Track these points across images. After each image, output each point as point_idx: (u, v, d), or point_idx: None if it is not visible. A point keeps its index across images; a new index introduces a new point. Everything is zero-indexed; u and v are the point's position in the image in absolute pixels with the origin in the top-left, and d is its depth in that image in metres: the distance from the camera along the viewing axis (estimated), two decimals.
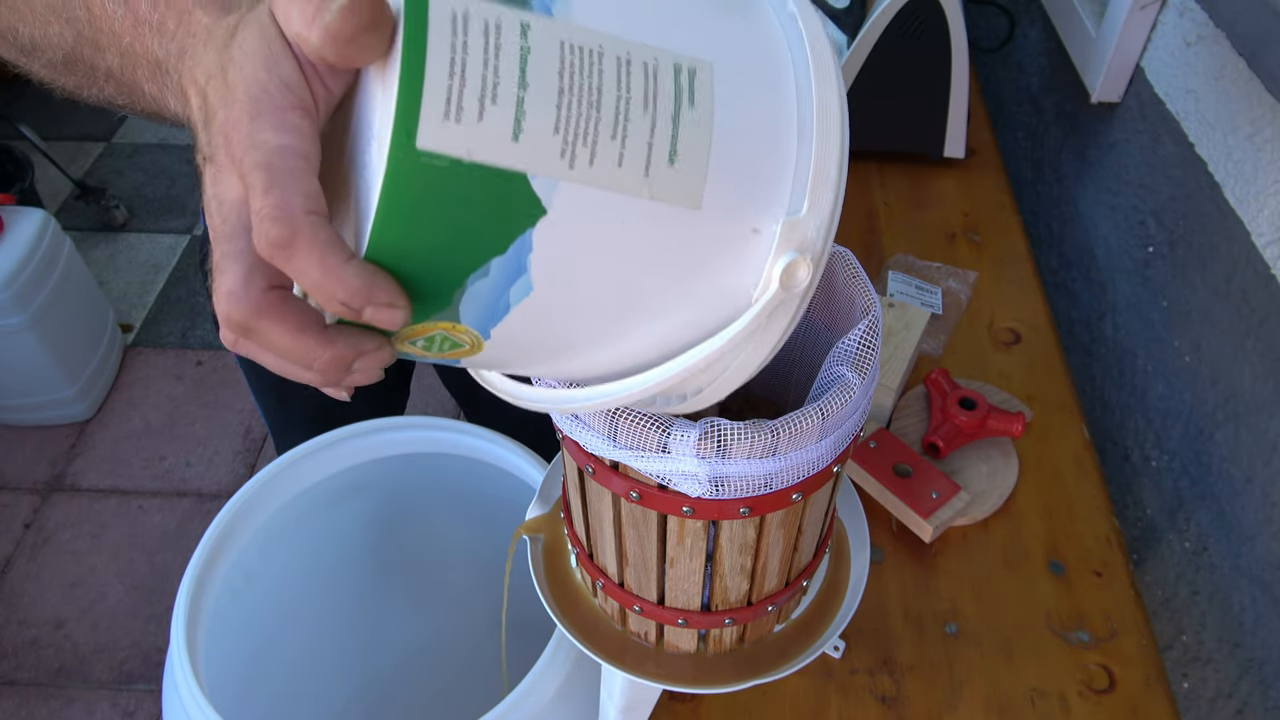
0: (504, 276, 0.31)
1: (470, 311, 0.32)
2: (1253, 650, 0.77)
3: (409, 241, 0.29)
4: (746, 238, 0.33)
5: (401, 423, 0.91)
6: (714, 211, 0.32)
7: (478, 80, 0.28)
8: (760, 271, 0.33)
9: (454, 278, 0.31)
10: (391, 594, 1.10)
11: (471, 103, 0.28)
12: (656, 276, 0.32)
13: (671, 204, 0.31)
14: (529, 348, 0.35)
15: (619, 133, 0.29)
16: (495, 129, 0.28)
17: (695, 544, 0.47)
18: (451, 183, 0.28)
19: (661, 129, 0.30)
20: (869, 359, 0.44)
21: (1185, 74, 0.91)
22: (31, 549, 1.74)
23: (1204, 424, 0.85)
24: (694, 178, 0.31)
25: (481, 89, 0.28)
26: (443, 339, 0.34)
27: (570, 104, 0.29)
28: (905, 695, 0.72)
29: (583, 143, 0.29)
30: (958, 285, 1.04)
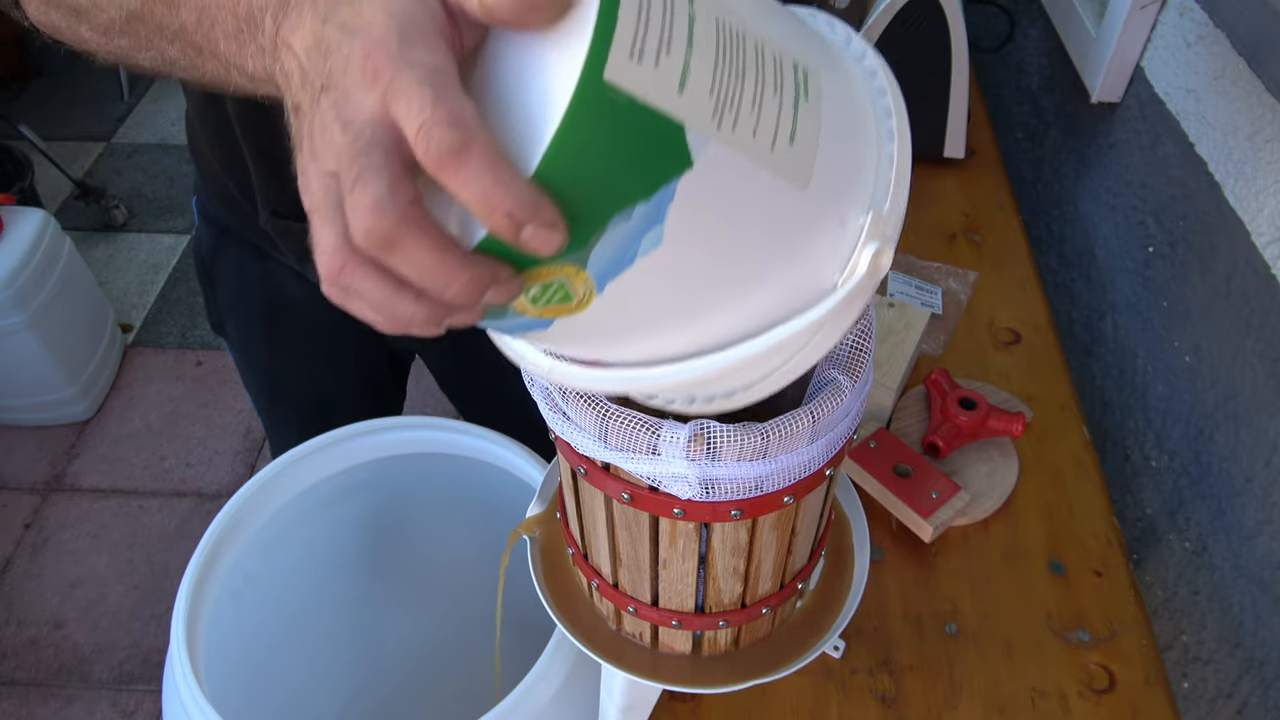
0: (643, 223, 0.32)
1: (601, 256, 0.33)
2: (1253, 650, 0.77)
3: (575, 168, 0.30)
4: (836, 226, 0.36)
5: (401, 423, 0.91)
6: (817, 193, 0.35)
7: (658, 31, 0.30)
8: (843, 258, 0.36)
9: (602, 214, 0.32)
10: (391, 594, 1.10)
11: (652, 49, 0.30)
12: (764, 245, 0.35)
13: (788, 179, 0.34)
14: (628, 314, 0.36)
15: (757, 106, 0.32)
16: (667, 77, 0.30)
17: (687, 546, 0.47)
18: (624, 118, 0.30)
19: (785, 111, 0.33)
20: (862, 362, 0.44)
21: (1185, 74, 0.91)
22: (31, 549, 1.74)
23: (1204, 424, 0.85)
24: (807, 159, 0.34)
25: (660, 39, 0.30)
26: (559, 287, 0.34)
27: (723, 71, 0.32)
28: (905, 695, 0.72)
29: (729, 108, 0.32)
30: (958, 285, 1.04)
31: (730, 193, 0.33)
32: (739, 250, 0.35)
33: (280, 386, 1.01)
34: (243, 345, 0.98)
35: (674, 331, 0.37)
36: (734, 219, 0.34)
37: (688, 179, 0.32)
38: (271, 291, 0.92)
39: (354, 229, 0.29)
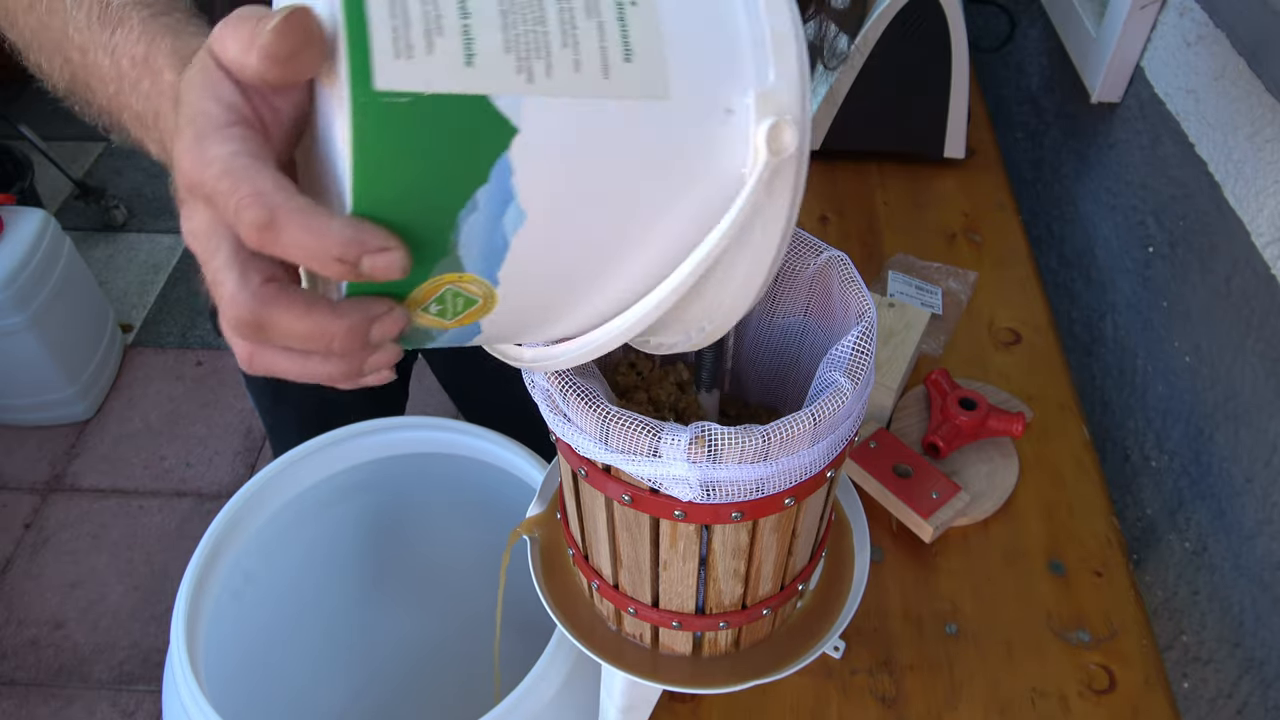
0: (493, 206, 0.31)
1: (471, 254, 0.32)
2: (1253, 650, 0.77)
3: (389, 186, 0.29)
4: (723, 120, 0.32)
5: (401, 423, 0.91)
6: (683, 98, 0.32)
7: (420, 17, 0.29)
8: (747, 149, 0.33)
9: (444, 217, 0.31)
10: (391, 594, 1.10)
11: (419, 38, 0.28)
12: (647, 177, 0.32)
13: (640, 99, 0.31)
14: (540, 292, 0.34)
15: (569, 40, 0.30)
16: (447, 58, 0.29)
17: (688, 548, 0.47)
18: (417, 117, 0.29)
19: (610, 30, 0.30)
20: (863, 364, 0.43)
21: (1185, 74, 0.91)
22: (31, 549, 1.74)
23: (1204, 424, 0.85)
24: (654, 69, 0.31)
25: (426, 24, 0.29)
26: (454, 295, 0.33)
27: (515, 23, 0.30)
28: (905, 695, 0.72)
29: (536, 56, 0.30)
30: (958, 285, 1.04)
31: (579, 139, 0.31)
32: (621, 188, 0.32)
33: (282, 387, 1.01)
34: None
35: (605, 287, 0.35)
36: (596, 161, 0.31)
37: (518, 146, 0.30)
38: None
39: (227, 323, 0.31)
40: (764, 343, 0.56)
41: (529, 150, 0.30)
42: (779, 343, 0.55)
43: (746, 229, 0.34)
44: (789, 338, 0.54)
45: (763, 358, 0.56)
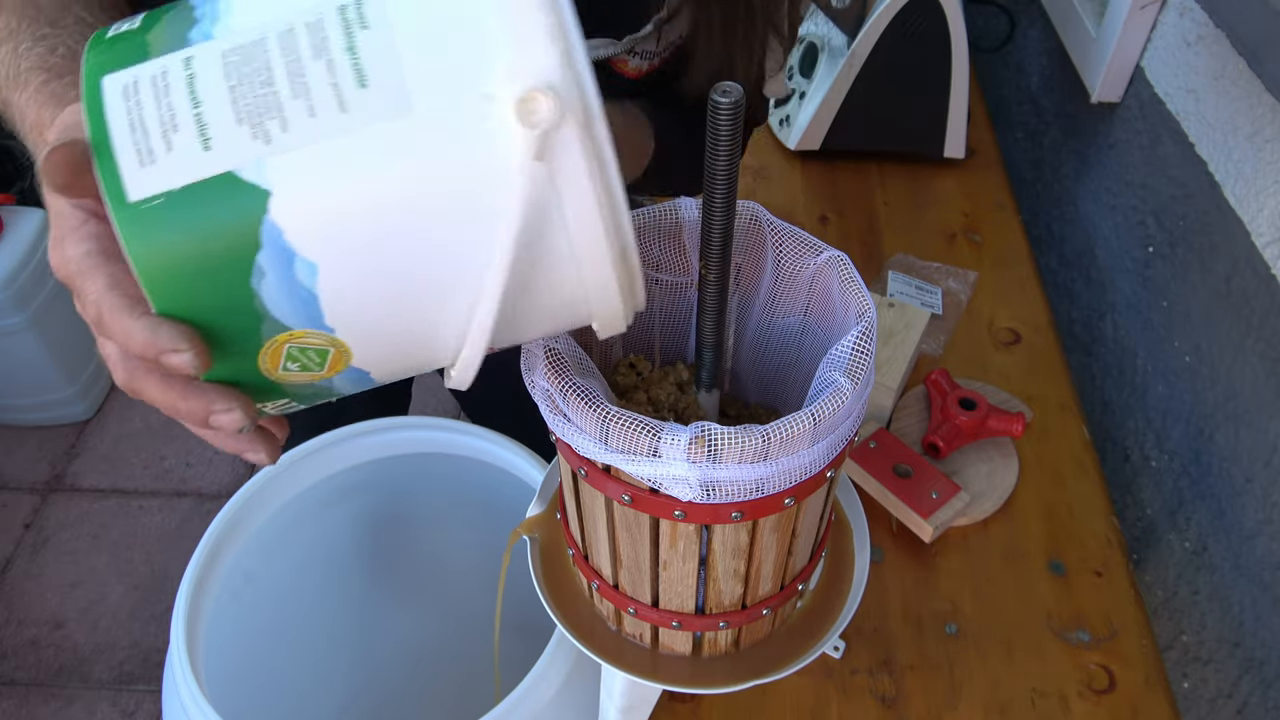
0: (280, 267, 0.32)
1: (285, 312, 0.33)
2: (1253, 650, 0.77)
3: (175, 281, 0.32)
4: (485, 112, 0.31)
5: (401, 423, 0.91)
6: (431, 104, 0.31)
7: (156, 123, 0.31)
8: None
9: (239, 290, 0.33)
10: (391, 594, 1.10)
11: (158, 143, 0.31)
12: (422, 191, 0.32)
13: (385, 119, 0.31)
14: (387, 325, 0.35)
15: (299, 90, 0.31)
16: (186, 150, 0.31)
17: (688, 548, 0.47)
18: (175, 213, 0.31)
19: (340, 64, 0.31)
20: (863, 364, 0.43)
21: (1185, 74, 0.91)
22: (31, 549, 1.74)
23: (1204, 424, 0.85)
24: (392, 87, 0.31)
25: (162, 125, 0.31)
26: (300, 352, 0.35)
27: (244, 93, 0.31)
28: (905, 695, 0.72)
29: (269, 117, 0.31)
30: (958, 285, 1.04)
31: (332, 179, 0.31)
32: (400, 209, 0.32)
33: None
34: None
35: (447, 302, 0.34)
36: (362, 192, 0.31)
37: (276, 207, 0.31)
38: None
39: (114, 376, 0.38)
40: (764, 343, 0.56)
41: (288, 206, 0.31)
42: (779, 343, 0.55)
43: (541, 208, 0.33)
44: (789, 338, 0.54)
45: (763, 358, 0.56)
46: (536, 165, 0.32)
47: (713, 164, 0.41)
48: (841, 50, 1.14)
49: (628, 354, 0.56)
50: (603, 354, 0.55)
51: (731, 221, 0.44)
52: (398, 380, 0.41)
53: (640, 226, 0.52)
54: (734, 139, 0.40)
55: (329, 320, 0.34)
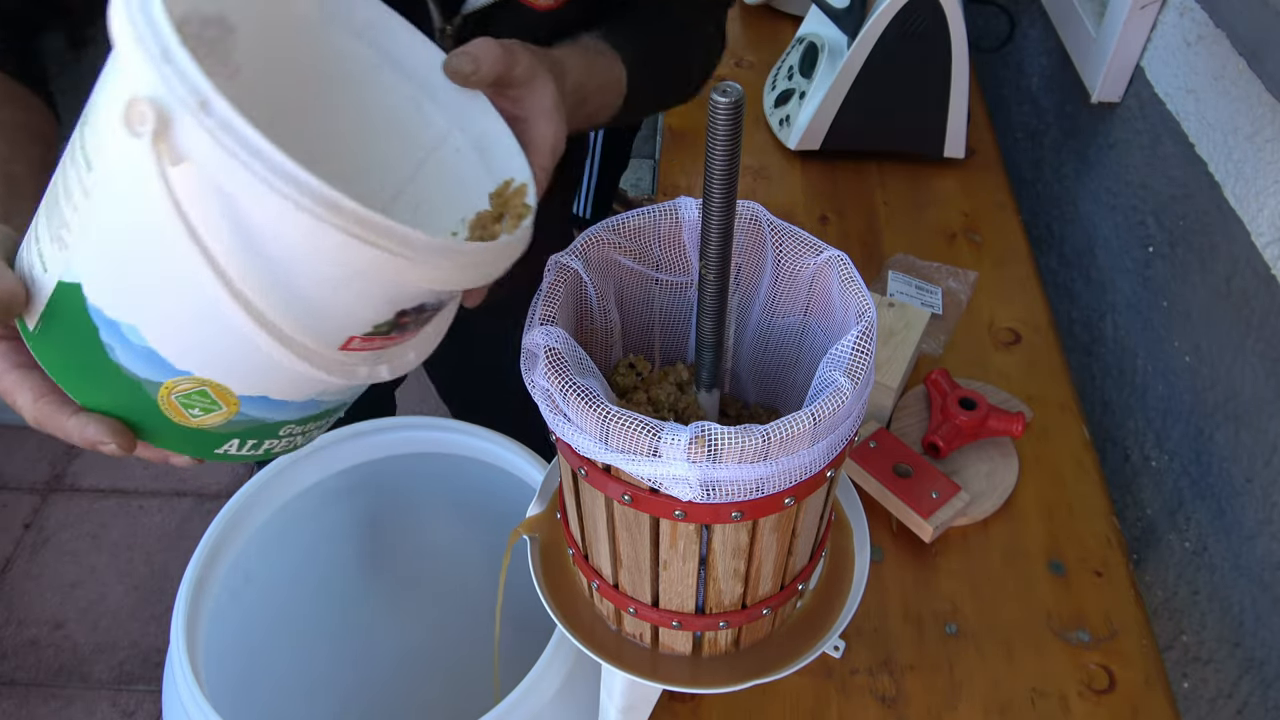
0: (115, 336, 0.40)
1: (147, 370, 0.41)
2: (1253, 650, 0.77)
3: (73, 375, 0.43)
4: (126, 147, 0.35)
5: (401, 423, 0.91)
6: (101, 160, 0.38)
7: (27, 262, 0.43)
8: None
9: (106, 367, 0.41)
10: (391, 593, 1.10)
11: (34, 275, 0.43)
12: (141, 235, 0.38)
13: (95, 188, 0.38)
14: (238, 362, 0.41)
15: (67, 197, 0.39)
16: (38, 278, 0.42)
17: (688, 547, 0.47)
18: (50, 328, 0.42)
19: (79, 161, 0.39)
20: (863, 364, 0.43)
21: (1185, 74, 0.91)
22: (31, 549, 1.74)
23: (1204, 424, 0.85)
24: (94, 163, 0.38)
25: (30, 263, 0.43)
26: (186, 398, 0.42)
27: (53, 218, 0.41)
28: (905, 695, 0.72)
29: (61, 226, 0.40)
30: (958, 285, 1.04)
31: (100, 253, 0.39)
32: (137, 255, 0.38)
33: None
34: None
35: (228, 321, 0.38)
36: (114, 255, 0.39)
37: (88, 291, 0.40)
38: None
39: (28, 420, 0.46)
40: (764, 343, 0.56)
41: (94, 288, 0.39)
42: (779, 343, 0.55)
43: (210, 205, 0.36)
44: (789, 338, 0.54)
45: (763, 358, 0.56)
46: (175, 170, 0.34)
47: (712, 164, 0.41)
48: (841, 50, 1.14)
49: (628, 354, 0.56)
50: (603, 354, 0.56)
51: (731, 221, 0.44)
52: (311, 399, 0.46)
53: (640, 226, 0.52)
54: (734, 139, 0.40)
55: (180, 365, 0.40)
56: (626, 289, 0.54)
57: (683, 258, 0.53)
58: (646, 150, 2.64)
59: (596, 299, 0.52)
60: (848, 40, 1.12)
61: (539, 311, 0.47)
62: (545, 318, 0.46)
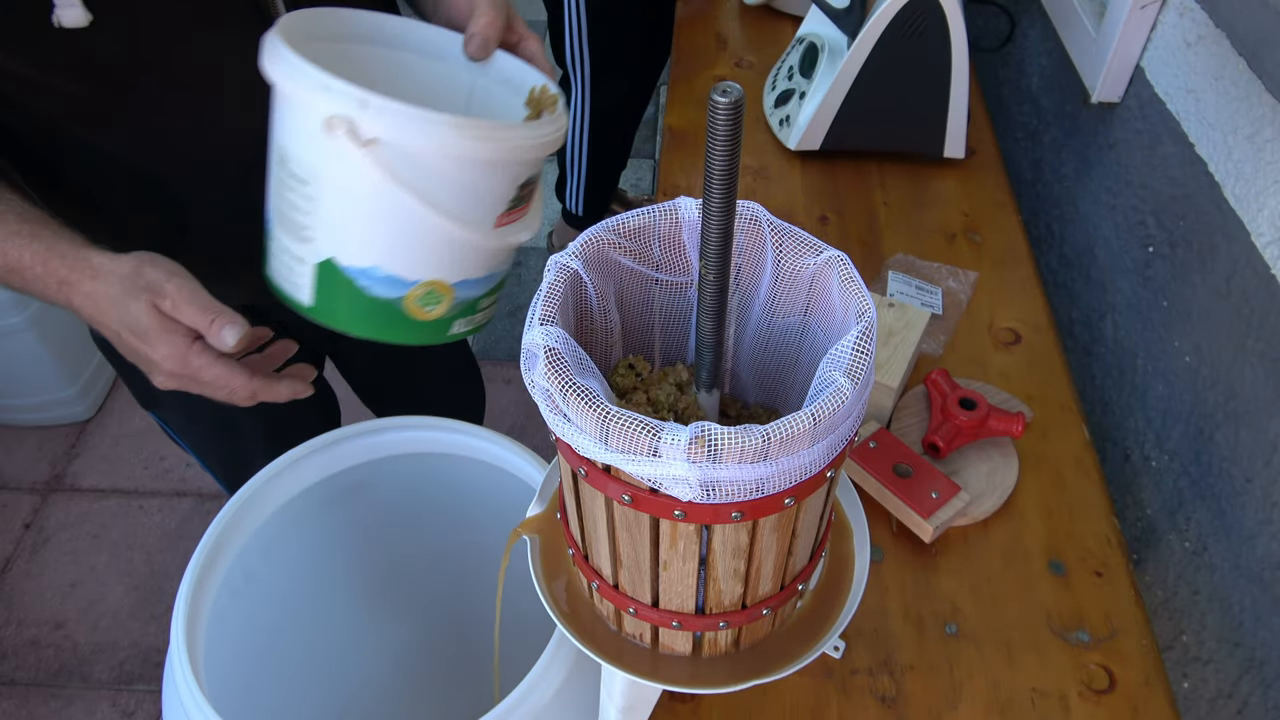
0: (367, 279, 0.63)
1: (395, 291, 0.63)
2: (1253, 650, 0.77)
3: (352, 318, 0.66)
4: (343, 145, 0.57)
5: (401, 423, 0.91)
6: (324, 172, 0.60)
7: (291, 262, 0.67)
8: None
9: (366, 303, 0.64)
10: (391, 593, 1.10)
11: (295, 268, 0.67)
12: (361, 193, 0.60)
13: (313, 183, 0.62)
14: (438, 261, 0.64)
15: (301, 214, 0.63)
16: (301, 273, 0.66)
17: (688, 547, 0.47)
18: (328, 290, 0.65)
19: (291, 187, 0.64)
20: (863, 364, 0.43)
21: (1185, 74, 0.91)
22: (31, 549, 1.74)
23: (1204, 424, 0.85)
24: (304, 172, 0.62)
25: (290, 266, 0.67)
26: (422, 298, 0.64)
27: (291, 237, 0.65)
28: (905, 695, 0.72)
29: (305, 231, 0.64)
30: (958, 285, 1.04)
31: (340, 236, 0.62)
32: (375, 215, 0.61)
33: (235, 421, 0.98)
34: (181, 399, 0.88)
35: (431, 235, 0.62)
36: (358, 220, 0.61)
37: (342, 261, 0.63)
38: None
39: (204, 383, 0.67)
40: (764, 343, 0.56)
41: (342, 253, 0.62)
42: (779, 343, 0.55)
43: (376, 172, 0.59)
44: (789, 338, 0.54)
45: (763, 358, 0.56)
46: (367, 147, 0.57)
47: (712, 164, 0.41)
48: (841, 50, 1.14)
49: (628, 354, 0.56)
50: (603, 354, 0.56)
51: (731, 221, 0.44)
52: (490, 273, 0.68)
53: (640, 226, 0.52)
54: (734, 139, 0.40)
55: (412, 277, 0.63)
56: (626, 289, 0.54)
57: (683, 258, 0.53)
58: (646, 150, 2.64)
59: (596, 299, 0.52)
60: (848, 40, 1.12)
61: (539, 311, 0.47)
62: (545, 318, 0.46)
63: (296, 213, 0.61)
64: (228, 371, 0.65)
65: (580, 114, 1.89)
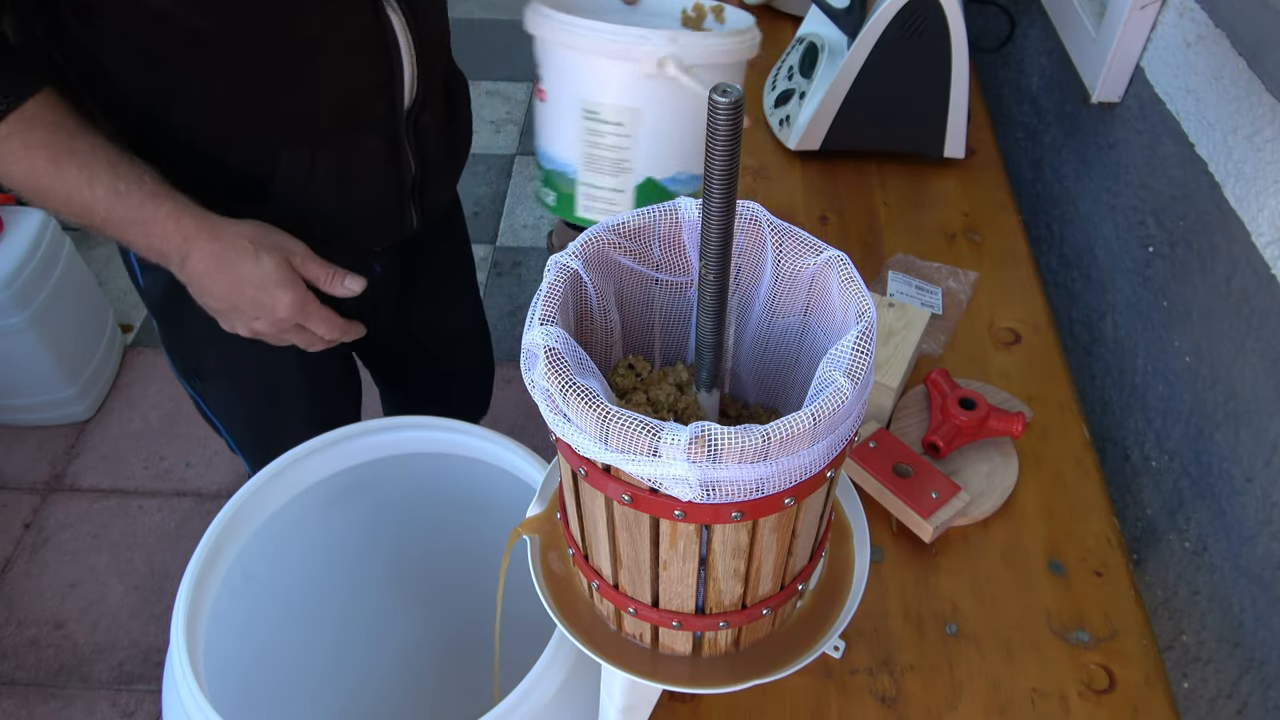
0: (677, 185, 0.83)
1: (692, 186, 0.84)
2: (1253, 650, 0.77)
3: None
4: (668, 79, 0.77)
5: (401, 423, 0.91)
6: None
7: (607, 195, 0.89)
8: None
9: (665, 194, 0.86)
10: (391, 593, 1.10)
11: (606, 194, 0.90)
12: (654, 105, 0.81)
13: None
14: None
15: (619, 150, 0.84)
16: (617, 197, 0.89)
17: (688, 547, 0.47)
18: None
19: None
20: (863, 364, 0.43)
21: (1185, 74, 0.91)
22: (31, 549, 1.74)
23: (1204, 424, 0.85)
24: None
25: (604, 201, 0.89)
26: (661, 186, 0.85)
27: (610, 173, 0.85)
28: (905, 695, 0.72)
29: (623, 164, 0.84)
30: (958, 285, 1.04)
31: (666, 146, 0.82)
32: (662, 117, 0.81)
33: (278, 390, 1.00)
34: (230, 369, 0.97)
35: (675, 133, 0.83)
36: (675, 137, 0.81)
37: (655, 173, 0.82)
38: None
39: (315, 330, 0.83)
40: (764, 343, 0.56)
41: (657, 171, 0.83)
42: (779, 343, 0.55)
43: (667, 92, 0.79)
44: (789, 338, 0.54)
45: (763, 358, 0.56)
46: (685, 73, 0.77)
47: (712, 164, 0.41)
48: (841, 50, 1.14)
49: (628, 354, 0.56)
50: (603, 354, 0.56)
51: (731, 221, 0.44)
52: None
53: (640, 226, 0.52)
54: (734, 139, 0.40)
55: (700, 171, 0.78)
56: (626, 289, 0.54)
57: (683, 258, 0.53)
58: None
59: (596, 299, 0.52)
60: (848, 40, 1.12)
61: (539, 311, 0.47)
62: (545, 318, 0.46)
63: (613, 152, 0.79)
64: (330, 313, 0.82)
65: None
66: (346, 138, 0.81)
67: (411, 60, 0.81)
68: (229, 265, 0.75)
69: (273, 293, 0.77)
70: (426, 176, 0.91)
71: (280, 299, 0.77)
